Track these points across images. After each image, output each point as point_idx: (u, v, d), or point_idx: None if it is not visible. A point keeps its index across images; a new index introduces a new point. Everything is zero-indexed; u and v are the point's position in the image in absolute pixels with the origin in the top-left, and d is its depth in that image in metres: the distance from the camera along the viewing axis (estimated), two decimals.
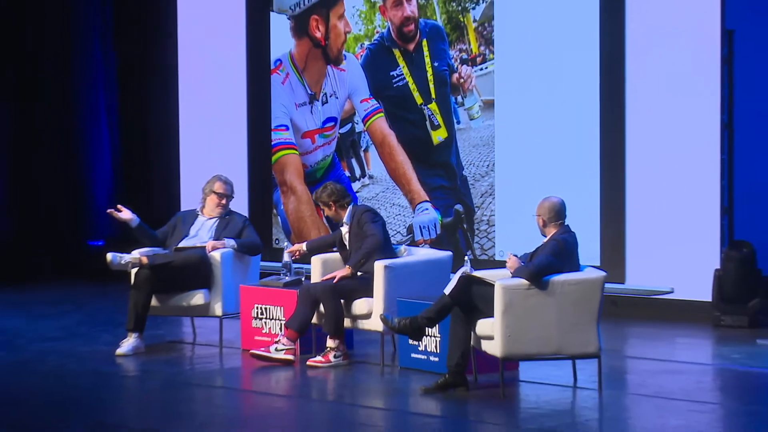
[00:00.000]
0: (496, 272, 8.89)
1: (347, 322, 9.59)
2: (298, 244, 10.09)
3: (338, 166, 12.57)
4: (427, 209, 12.15)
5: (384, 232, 9.66)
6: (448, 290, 8.73)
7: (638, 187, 11.27)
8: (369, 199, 12.39)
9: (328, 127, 12.62)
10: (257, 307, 10.02)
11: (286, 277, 10.18)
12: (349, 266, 9.58)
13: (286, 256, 10.03)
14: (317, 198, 9.86)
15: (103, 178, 13.95)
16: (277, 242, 12.63)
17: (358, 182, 12.52)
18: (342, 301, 9.52)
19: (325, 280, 9.60)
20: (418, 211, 12.20)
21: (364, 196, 12.41)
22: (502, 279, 8.63)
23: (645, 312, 11.18)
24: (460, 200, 12.02)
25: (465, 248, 11.68)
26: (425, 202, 12.15)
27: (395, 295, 9.38)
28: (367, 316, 9.51)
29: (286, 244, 10.41)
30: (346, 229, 9.75)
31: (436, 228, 12.11)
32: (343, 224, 9.76)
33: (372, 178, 12.41)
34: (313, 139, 12.69)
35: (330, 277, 9.60)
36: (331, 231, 11.67)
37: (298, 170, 12.74)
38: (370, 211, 9.76)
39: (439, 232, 12.06)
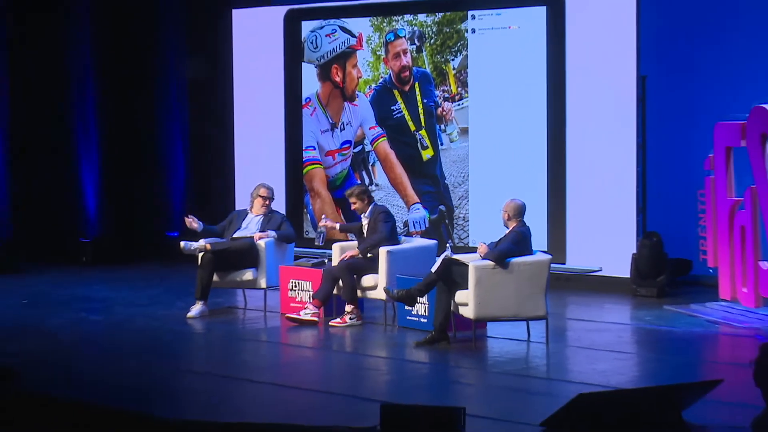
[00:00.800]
0: (470, 256, 8.90)
1: (359, 293, 9.59)
2: (333, 222, 10.07)
3: (352, 177, 12.55)
4: (419, 209, 12.12)
5: (391, 231, 9.62)
6: (434, 269, 8.74)
7: (575, 192, 11.25)
8: (377, 200, 12.37)
9: (344, 148, 12.59)
10: (292, 282, 10.01)
11: (313, 259, 10.21)
12: (358, 250, 9.60)
13: (322, 227, 9.94)
14: (351, 193, 9.76)
15: (178, 184, 13.93)
16: (307, 233, 12.60)
17: None
18: (355, 277, 9.54)
19: (341, 260, 9.61)
20: (412, 210, 12.18)
21: (376, 198, 12.38)
22: (474, 261, 8.65)
23: (580, 285, 11.17)
24: (443, 202, 12.00)
25: (447, 238, 11.67)
26: (417, 203, 12.13)
27: (395, 273, 9.37)
28: (374, 288, 9.52)
29: (324, 216, 10.26)
30: (365, 222, 9.76)
31: (425, 223, 12.09)
32: (363, 217, 9.76)
33: (377, 185, 12.39)
34: (334, 156, 12.66)
35: (344, 257, 9.62)
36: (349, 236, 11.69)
37: (323, 180, 12.72)
38: (385, 212, 9.72)
39: (427, 226, 12.04)
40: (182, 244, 10.03)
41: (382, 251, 9.42)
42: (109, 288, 11.57)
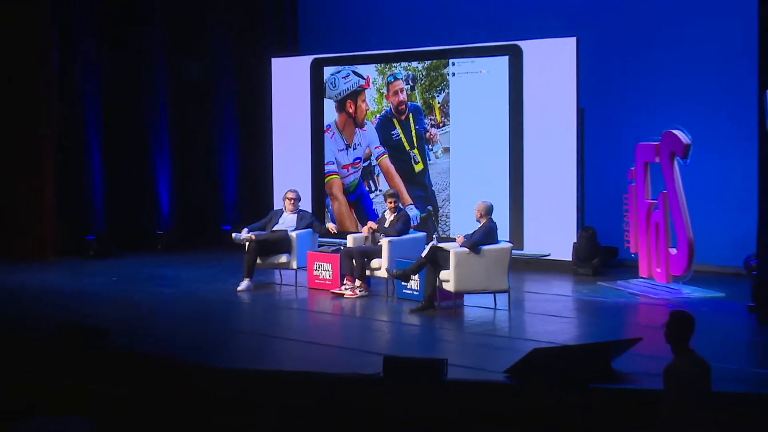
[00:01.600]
0: (451, 244, 8.89)
1: (368, 272, 9.58)
2: (374, 224, 9.81)
3: (362, 185, 12.52)
4: (412, 208, 12.09)
5: (404, 231, 9.63)
6: (424, 254, 8.75)
7: (531, 196, 11.21)
8: (379, 203, 12.34)
9: (356, 163, 12.56)
10: (316, 264, 9.99)
11: (332, 247, 10.19)
12: (380, 231, 9.59)
13: (366, 231, 9.78)
14: (388, 194, 9.79)
15: (231, 189, 13.88)
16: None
17: (373, 193, 12.47)
18: (365, 260, 9.52)
19: (364, 229, 9.74)
20: (407, 210, 12.14)
21: (378, 202, 12.36)
22: (454, 248, 8.64)
23: (534, 266, 11.14)
24: (431, 203, 11.98)
25: (433, 231, 11.65)
26: (411, 204, 12.09)
27: (395, 257, 9.36)
28: (379, 269, 9.50)
29: (371, 222, 9.98)
30: (391, 216, 9.71)
31: (417, 219, 12.06)
32: (389, 212, 9.72)
33: (381, 191, 12.34)
34: (348, 169, 12.63)
35: (366, 228, 9.71)
36: (360, 226, 11.66)
37: (340, 187, 12.69)
38: (408, 216, 9.76)
39: (418, 222, 12.02)
40: (234, 235, 10.08)
41: (385, 241, 9.44)
42: (178, 269, 11.54)
